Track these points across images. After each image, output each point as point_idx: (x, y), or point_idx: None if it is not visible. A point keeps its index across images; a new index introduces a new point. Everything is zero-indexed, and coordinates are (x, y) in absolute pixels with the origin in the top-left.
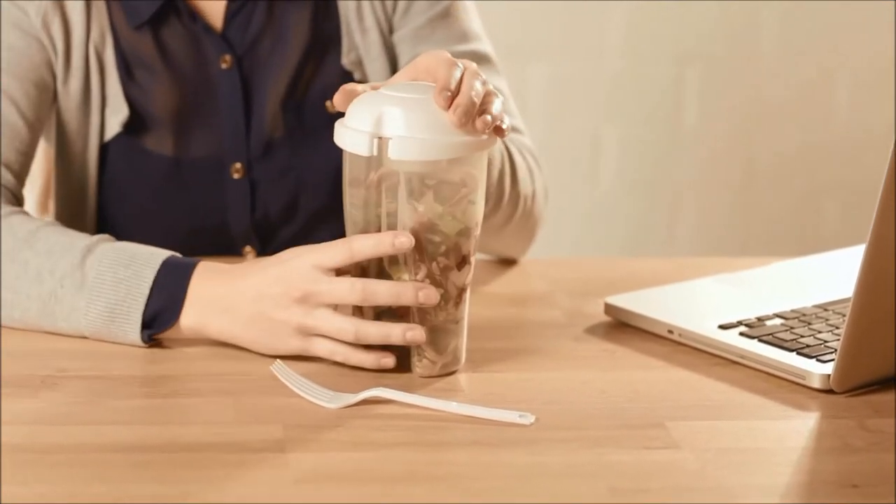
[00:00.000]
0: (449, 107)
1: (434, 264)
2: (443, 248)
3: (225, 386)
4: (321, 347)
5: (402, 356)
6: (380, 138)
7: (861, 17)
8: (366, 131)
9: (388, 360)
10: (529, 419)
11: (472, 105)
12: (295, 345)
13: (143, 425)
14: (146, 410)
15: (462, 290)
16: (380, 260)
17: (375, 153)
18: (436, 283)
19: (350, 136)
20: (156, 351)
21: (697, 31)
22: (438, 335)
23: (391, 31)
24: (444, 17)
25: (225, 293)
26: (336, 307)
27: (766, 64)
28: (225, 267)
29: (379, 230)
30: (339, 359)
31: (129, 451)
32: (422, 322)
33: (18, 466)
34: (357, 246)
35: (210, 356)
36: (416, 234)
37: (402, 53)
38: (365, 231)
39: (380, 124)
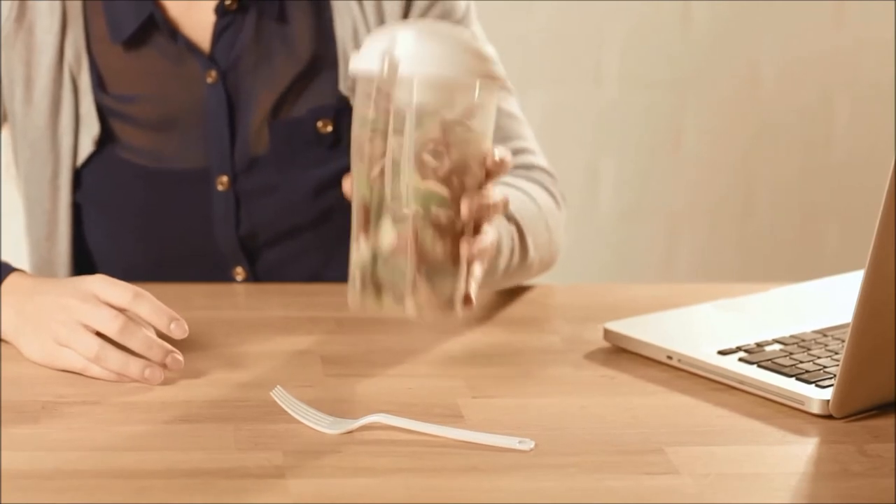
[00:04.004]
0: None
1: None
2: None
3: (225, 412)
4: (66, 357)
5: (394, 384)
6: (391, 57)
7: (859, 42)
8: (378, 50)
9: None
10: (529, 445)
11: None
12: (47, 350)
13: (143, 451)
14: (146, 437)
15: (460, 232)
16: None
17: (386, 72)
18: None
19: (361, 58)
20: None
21: (695, 56)
22: (435, 272)
23: None
24: None
25: (19, 296)
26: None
27: (764, 89)
28: (40, 277)
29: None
30: (77, 370)
31: (130, 478)
32: (419, 256)
33: (19, 493)
34: (138, 300)
35: (210, 383)
36: (418, 155)
37: None
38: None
39: (393, 45)
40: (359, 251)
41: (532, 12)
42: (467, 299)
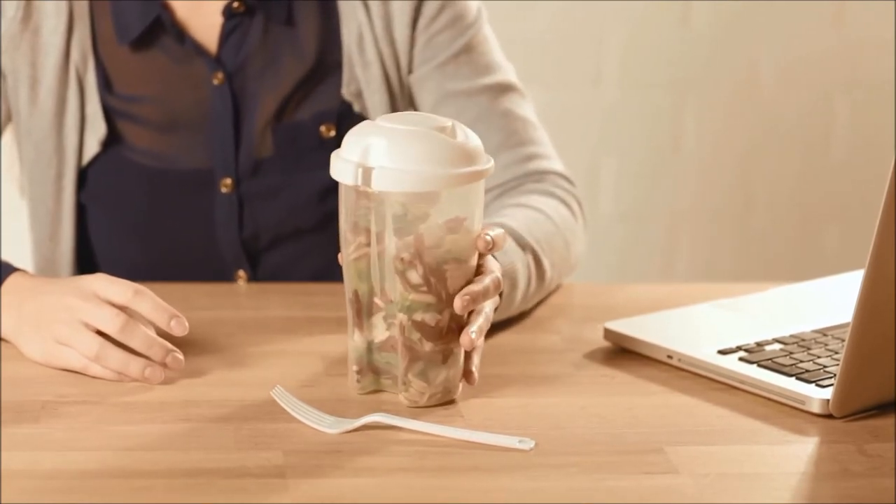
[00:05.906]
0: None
1: (415, 295)
2: (423, 289)
3: (225, 412)
4: (66, 357)
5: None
6: (365, 168)
7: (860, 42)
8: (352, 161)
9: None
10: (529, 444)
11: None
12: (47, 350)
13: (143, 451)
14: (146, 437)
15: (441, 329)
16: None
17: (360, 182)
18: (415, 323)
19: (338, 165)
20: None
21: (695, 56)
22: (427, 366)
23: (410, 67)
24: (468, 51)
25: (19, 296)
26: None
27: (764, 89)
28: (40, 277)
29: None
30: (77, 369)
31: (130, 478)
32: (408, 351)
33: (19, 493)
34: (139, 297)
35: (210, 383)
36: (399, 265)
37: (429, 90)
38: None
39: (366, 155)
40: (354, 342)
41: (533, 13)
42: (469, 375)
